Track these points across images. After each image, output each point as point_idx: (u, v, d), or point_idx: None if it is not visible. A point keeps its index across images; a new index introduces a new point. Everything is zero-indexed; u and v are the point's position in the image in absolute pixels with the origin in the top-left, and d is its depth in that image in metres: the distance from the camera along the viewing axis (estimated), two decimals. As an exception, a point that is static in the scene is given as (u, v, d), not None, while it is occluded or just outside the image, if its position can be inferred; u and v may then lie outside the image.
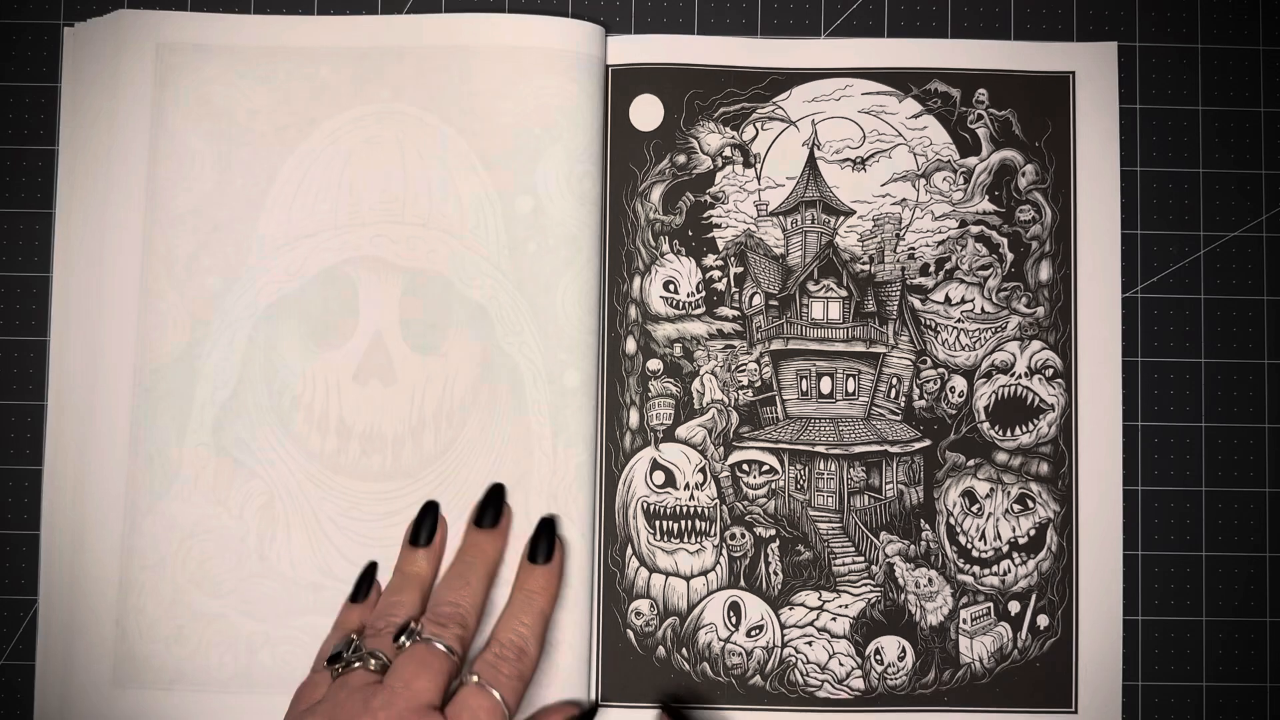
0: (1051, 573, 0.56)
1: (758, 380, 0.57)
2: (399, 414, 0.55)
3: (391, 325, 0.55)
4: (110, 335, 0.55)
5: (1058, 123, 0.57)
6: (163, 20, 0.57)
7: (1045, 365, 0.56)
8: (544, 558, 0.53)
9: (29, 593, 0.56)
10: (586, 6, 0.58)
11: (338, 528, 0.55)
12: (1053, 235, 0.57)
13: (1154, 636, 0.56)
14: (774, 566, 0.56)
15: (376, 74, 0.56)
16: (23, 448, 0.56)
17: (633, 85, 0.57)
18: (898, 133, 0.57)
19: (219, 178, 0.56)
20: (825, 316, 0.57)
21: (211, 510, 0.55)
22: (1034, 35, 0.58)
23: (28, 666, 0.55)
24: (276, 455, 0.55)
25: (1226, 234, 0.57)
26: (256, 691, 0.54)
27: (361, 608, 0.53)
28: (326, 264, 0.56)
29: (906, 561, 0.56)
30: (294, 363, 0.55)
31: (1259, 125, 0.57)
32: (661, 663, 0.55)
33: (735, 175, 0.57)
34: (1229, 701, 0.56)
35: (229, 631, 0.54)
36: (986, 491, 0.56)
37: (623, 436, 0.56)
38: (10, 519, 0.56)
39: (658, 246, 0.57)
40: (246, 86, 0.56)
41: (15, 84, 0.58)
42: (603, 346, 0.56)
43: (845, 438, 0.56)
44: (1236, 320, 0.57)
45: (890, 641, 0.55)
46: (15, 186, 0.57)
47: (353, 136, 0.56)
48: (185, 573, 0.54)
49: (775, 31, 0.58)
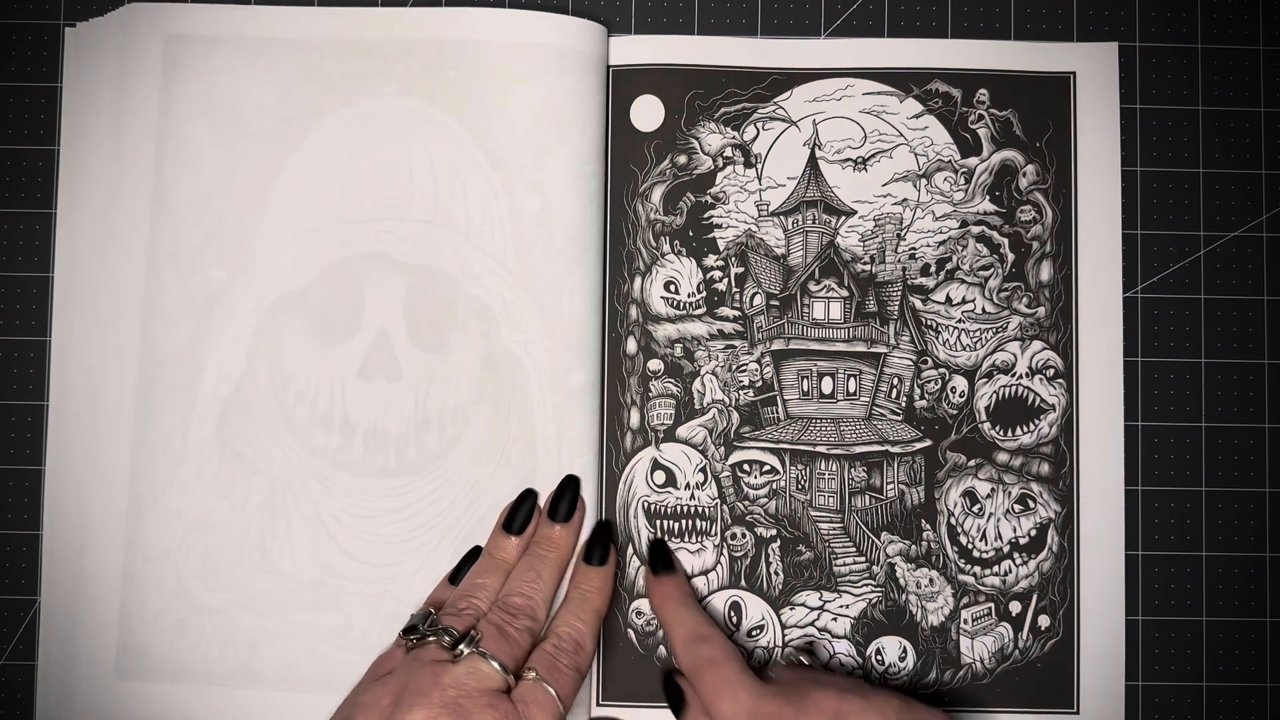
0: (1053, 573, 0.56)
1: (759, 380, 0.57)
2: (403, 411, 0.55)
3: (396, 322, 0.55)
4: (115, 329, 0.55)
5: (1058, 123, 0.57)
6: (171, 12, 0.57)
7: (1046, 365, 0.56)
8: (599, 559, 0.53)
9: (29, 592, 0.56)
10: (587, 6, 0.58)
11: (340, 524, 0.55)
12: (1053, 235, 0.57)
13: (1154, 636, 0.56)
14: (775, 566, 0.56)
15: (382, 68, 0.56)
16: (23, 448, 0.56)
17: (633, 85, 0.57)
18: (899, 133, 0.57)
19: (225, 170, 0.56)
20: (826, 316, 0.57)
21: (215, 504, 0.55)
22: (1034, 35, 0.58)
23: (28, 666, 0.55)
24: (280, 451, 0.55)
25: (1226, 234, 0.57)
26: (257, 686, 0.54)
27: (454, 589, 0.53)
28: (332, 259, 0.56)
29: (907, 562, 0.56)
30: (299, 358, 0.55)
31: (1259, 125, 0.57)
32: (662, 662, 0.55)
33: (736, 175, 0.57)
34: (1229, 701, 0.56)
35: (230, 625, 0.54)
36: (987, 492, 0.56)
37: (624, 436, 0.56)
38: (10, 519, 0.56)
39: (658, 247, 0.57)
40: (253, 79, 0.56)
41: (15, 84, 0.58)
42: (604, 346, 0.56)
43: (846, 438, 0.56)
44: (1236, 320, 0.57)
45: (891, 642, 0.55)
46: (15, 186, 0.57)
47: (359, 130, 0.56)
48: (188, 566, 0.54)
49: (776, 31, 0.58)
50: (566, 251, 0.55)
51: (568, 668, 0.49)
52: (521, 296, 0.55)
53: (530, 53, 0.56)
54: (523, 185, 0.55)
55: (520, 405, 0.55)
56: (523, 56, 0.56)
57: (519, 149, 0.56)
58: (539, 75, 0.56)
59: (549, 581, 0.52)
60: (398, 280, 0.56)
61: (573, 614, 0.52)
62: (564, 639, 0.50)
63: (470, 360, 0.55)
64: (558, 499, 0.54)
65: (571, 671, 0.49)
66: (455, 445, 0.55)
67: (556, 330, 0.55)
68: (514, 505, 0.54)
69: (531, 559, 0.53)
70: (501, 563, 0.53)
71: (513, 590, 0.51)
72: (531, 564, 0.52)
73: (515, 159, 0.56)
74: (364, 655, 0.53)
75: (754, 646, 0.55)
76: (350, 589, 0.54)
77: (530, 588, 0.51)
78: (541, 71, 0.56)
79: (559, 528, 0.53)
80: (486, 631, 0.49)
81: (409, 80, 0.56)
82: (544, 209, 0.55)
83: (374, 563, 0.55)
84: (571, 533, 0.54)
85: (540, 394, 0.55)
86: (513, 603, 0.51)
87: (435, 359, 0.55)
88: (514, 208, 0.55)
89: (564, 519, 0.54)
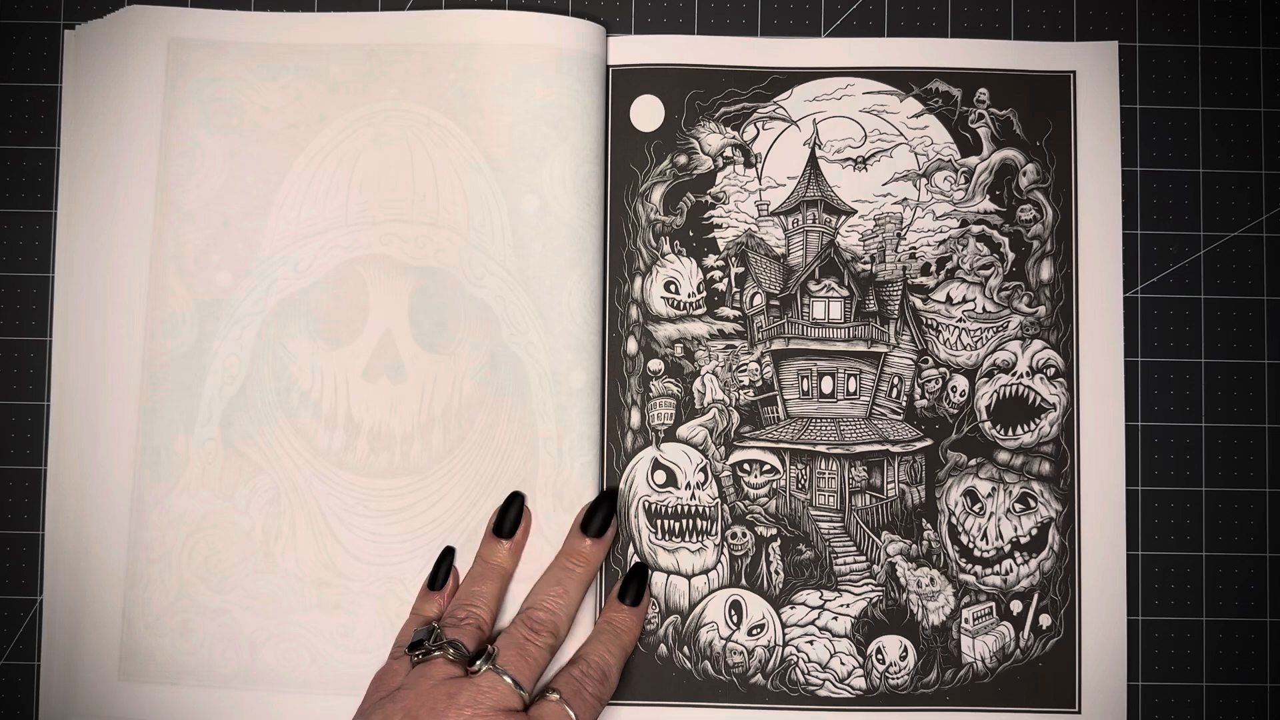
0: (1054, 572, 0.56)
1: (759, 380, 0.57)
2: (408, 411, 0.55)
3: (401, 323, 0.55)
4: (117, 330, 0.55)
5: (1058, 122, 0.57)
6: (174, 16, 0.57)
7: (1047, 364, 0.56)
8: (632, 600, 0.53)
9: (30, 592, 0.56)
10: (586, 6, 0.58)
11: (344, 525, 0.55)
12: (1054, 234, 0.57)
13: (1154, 636, 0.56)
14: (775, 566, 0.56)
15: (384, 71, 0.56)
16: (23, 448, 0.56)
17: (633, 85, 0.57)
18: (899, 132, 0.57)
19: (230, 174, 0.56)
20: (826, 316, 0.57)
21: (218, 505, 0.55)
22: (1034, 35, 0.58)
23: (28, 667, 0.55)
24: (284, 451, 0.55)
25: (1226, 234, 0.57)
26: (260, 687, 0.54)
27: (440, 595, 0.53)
28: (336, 261, 0.56)
29: (908, 561, 0.56)
30: (303, 359, 0.55)
31: (1259, 125, 0.57)
32: (663, 661, 0.55)
33: (736, 175, 0.57)
34: (1229, 701, 0.56)
35: (232, 627, 0.54)
36: (988, 491, 0.56)
37: (624, 436, 0.56)
38: (11, 519, 0.56)
39: (658, 247, 0.57)
40: (258, 83, 0.56)
41: (15, 84, 0.58)
42: (604, 347, 0.56)
43: (846, 437, 0.56)
44: (1236, 320, 0.57)
45: (892, 641, 0.55)
46: (15, 186, 0.57)
47: (362, 134, 0.56)
48: (191, 567, 0.54)
49: (776, 31, 0.58)
50: (566, 252, 0.55)
51: (592, 696, 0.49)
52: (521, 297, 0.55)
53: (530, 53, 0.56)
54: (522, 186, 0.55)
55: (521, 405, 0.55)
56: (522, 57, 0.56)
57: (518, 150, 0.56)
58: (538, 76, 0.56)
59: (574, 597, 0.52)
60: (401, 282, 0.56)
61: (603, 645, 0.51)
62: (592, 667, 0.50)
63: (473, 361, 0.55)
64: (592, 512, 0.54)
65: (594, 700, 0.49)
66: (458, 445, 0.55)
67: (556, 330, 0.55)
68: (502, 509, 0.54)
69: (559, 572, 0.53)
70: (496, 568, 0.53)
71: (537, 603, 0.51)
72: (558, 577, 0.52)
73: (514, 160, 0.56)
74: (367, 656, 0.53)
75: (754, 646, 0.55)
76: (354, 589, 0.54)
77: (555, 602, 0.51)
78: (541, 72, 0.56)
79: (590, 542, 0.53)
80: (505, 647, 0.49)
81: (409, 83, 0.56)
82: (543, 209, 0.55)
83: (378, 563, 0.55)
84: (602, 549, 0.53)
85: (541, 394, 0.55)
86: (537, 617, 0.50)
87: (439, 360, 0.55)
88: (513, 208, 0.55)
89: (596, 534, 0.53)
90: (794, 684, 0.55)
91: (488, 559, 0.53)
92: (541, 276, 0.55)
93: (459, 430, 0.55)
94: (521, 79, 0.56)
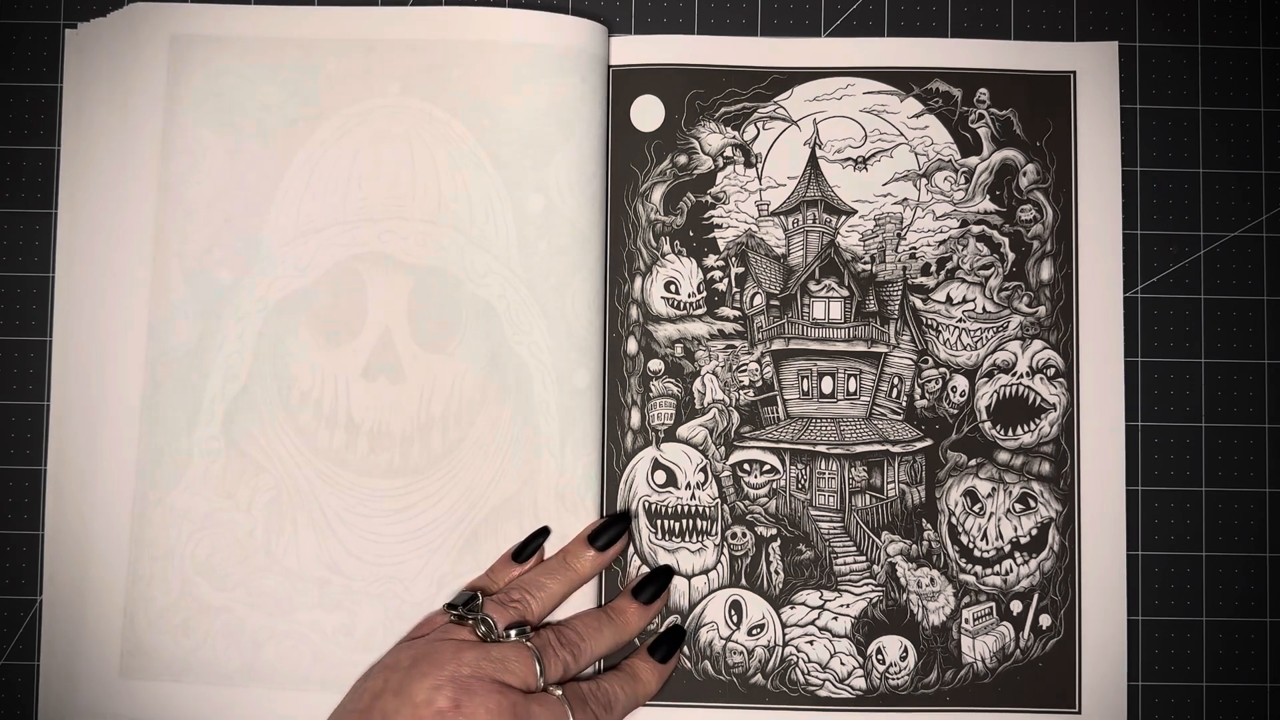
0: (1054, 572, 0.56)
1: (759, 380, 0.57)
2: (408, 411, 0.55)
3: (400, 322, 0.55)
4: (118, 329, 0.55)
5: (1058, 122, 0.57)
6: (177, 12, 0.57)
7: (1047, 364, 0.56)
8: (662, 657, 0.54)
9: (30, 592, 0.56)
10: (587, 6, 0.58)
11: (344, 524, 0.55)
12: (1054, 235, 0.57)
13: (1154, 636, 0.56)
14: (775, 566, 0.56)
15: (385, 67, 0.56)
16: (23, 448, 0.56)
17: (633, 85, 0.57)
18: (899, 132, 0.57)
19: (231, 171, 0.56)
20: (826, 316, 0.57)
21: (220, 503, 0.55)
22: (1034, 35, 0.58)
23: (28, 666, 0.55)
24: (285, 450, 0.55)
25: (1226, 234, 0.57)
26: (262, 685, 0.54)
27: (515, 569, 0.53)
28: (336, 259, 0.56)
29: (908, 561, 0.56)
30: (303, 358, 0.55)
31: (1259, 125, 0.57)
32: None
33: (736, 175, 0.57)
34: (1229, 701, 0.56)
35: (234, 625, 0.54)
36: (988, 491, 0.56)
37: (624, 436, 0.56)
38: (11, 519, 0.56)
39: (659, 247, 0.57)
40: (258, 79, 0.56)
41: (15, 84, 0.58)
42: (604, 347, 0.56)
43: (846, 437, 0.56)
44: (1236, 320, 0.57)
45: (892, 641, 0.55)
46: (15, 186, 0.57)
47: (362, 130, 0.56)
48: (193, 565, 0.54)
49: (776, 31, 0.58)
50: (570, 252, 0.55)
51: (591, 712, 0.49)
52: (525, 297, 0.55)
53: (531, 52, 0.56)
54: (526, 185, 0.55)
55: (524, 405, 0.55)
56: (524, 56, 0.56)
57: (521, 149, 0.56)
58: (541, 75, 0.56)
59: (606, 643, 0.52)
60: (401, 280, 0.56)
61: (621, 684, 0.52)
62: (603, 692, 0.50)
63: (474, 361, 0.55)
64: (648, 581, 0.54)
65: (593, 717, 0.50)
66: (459, 445, 0.55)
67: (560, 330, 0.55)
68: (606, 523, 0.54)
69: (604, 615, 0.53)
70: (572, 571, 0.53)
71: (573, 625, 0.52)
72: (601, 620, 0.53)
73: (518, 159, 0.56)
74: (369, 654, 0.53)
75: (754, 646, 0.55)
76: (355, 588, 0.54)
77: (590, 635, 0.52)
78: (543, 71, 0.56)
79: (637, 606, 0.54)
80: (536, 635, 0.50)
81: (411, 80, 0.56)
82: (548, 209, 0.55)
83: (378, 562, 0.55)
84: (646, 616, 0.54)
85: (544, 394, 0.55)
86: (567, 635, 0.51)
87: (439, 359, 0.55)
88: (517, 207, 0.55)
89: (647, 601, 0.54)
90: (794, 684, 0.55)
91: (570, 560, 0.53)
92: (546, 276, 0.55)
93: (458, 431, 0.55)
94: (526, 78, 0.56)
